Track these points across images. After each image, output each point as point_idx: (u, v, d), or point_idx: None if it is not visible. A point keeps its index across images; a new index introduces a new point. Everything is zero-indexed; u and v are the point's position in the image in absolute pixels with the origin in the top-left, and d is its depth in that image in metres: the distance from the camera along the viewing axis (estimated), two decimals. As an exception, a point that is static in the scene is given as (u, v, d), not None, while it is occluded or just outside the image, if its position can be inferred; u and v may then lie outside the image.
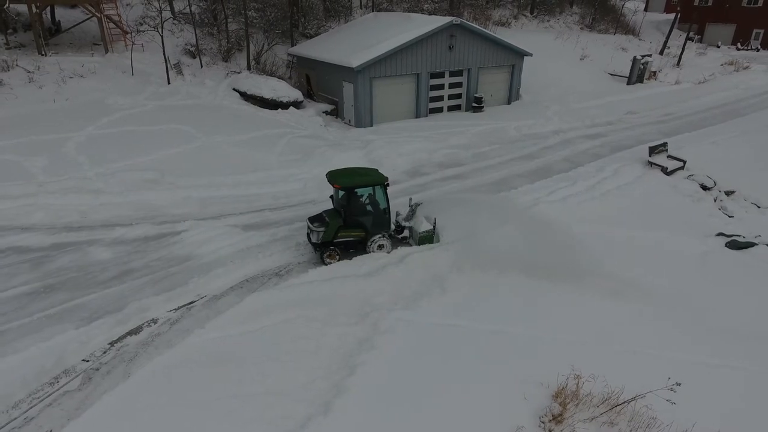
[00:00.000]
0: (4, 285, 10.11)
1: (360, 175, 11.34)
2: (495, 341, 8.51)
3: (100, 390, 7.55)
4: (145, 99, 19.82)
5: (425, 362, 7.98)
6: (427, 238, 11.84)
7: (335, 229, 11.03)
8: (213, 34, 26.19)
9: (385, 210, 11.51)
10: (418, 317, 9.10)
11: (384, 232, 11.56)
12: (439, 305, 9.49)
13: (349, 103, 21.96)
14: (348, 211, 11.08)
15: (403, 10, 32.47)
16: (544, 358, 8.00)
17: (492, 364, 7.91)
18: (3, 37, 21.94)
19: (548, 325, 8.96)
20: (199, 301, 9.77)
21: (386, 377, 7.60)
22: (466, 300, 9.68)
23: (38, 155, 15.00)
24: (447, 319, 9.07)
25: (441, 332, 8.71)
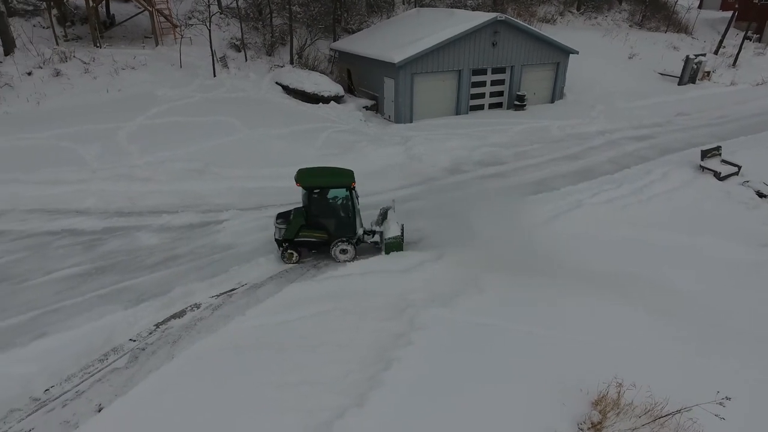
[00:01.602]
0: (60, 265, 10.67)
1: (325, 176, 10.86)
2: (532, 343, 8.37)
3: (145, 369, 7.86)
4: (192, 91, 20.40)
5: (461, 360, 7.93)
6: (395, 245, 11.14)
7: (297, 228, 10.79)
8: (258, 29, 26.67)
9: (349, 214, 10.97)
10: (455, 315, 9.04)
11: (348, 236, 11.03)
12: (476, 304, 9.40)
13: (390, 98, 21.97)
14: (309, 212, 10.83)
15: (446, 5, 32.17)
16: (583, 363, 7.81)
17: (528, 366, 7.78)
18: (62, 30, 22.99)
19: (588, 329, 8.74)
20: (239, 289, 10.02)
21: (421, 373, 7.59)
22: (503, 300, 9.56)
23: (92, 143, 15.69)
24: (483, 318, 8.98)
25: (477, 331, 8.63)
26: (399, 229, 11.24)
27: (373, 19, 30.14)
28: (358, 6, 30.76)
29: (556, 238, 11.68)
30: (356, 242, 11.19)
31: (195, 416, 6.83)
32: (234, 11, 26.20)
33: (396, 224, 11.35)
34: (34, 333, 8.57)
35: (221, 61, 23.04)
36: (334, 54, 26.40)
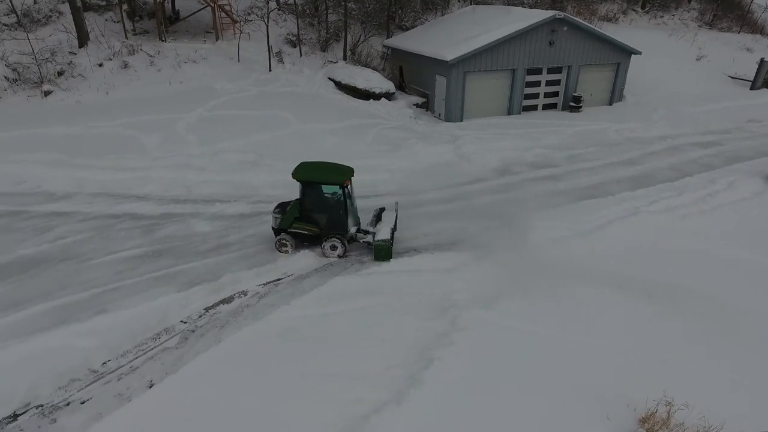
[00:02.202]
0: (120, 246, 11.28)
1: (321, 172, 10.81)
2: (577, 351, 8.11)
3: (194, 350, 8.18)
4: (249, 85, 21.01)
5: (502, 364, 7.79)
6: (383, 249, 10.77)
7: (291, 219, 10.90)
8: (313, 25, 27.12)
9: (340, 212, 10.86)
10: (498, 318, 8.89)
11: (339, 233, 10.95)
12: (520, 308, 9.20)
13: (441, 96, 21.80)
14: (302, 206, 10.90)
15: (503, 3, 31.54)
16: (630, 377, 7.51)
17: (572, 377, 7.55)
18: (131, 24, 24.23)
19: (637, 342, 8.38)
20: (285, 279, 10.25)
21: (462, 374, 7.52)
22: (549, 306, 9.30)
23: (154, 132, 16.48)
24: (527, 323, 8.78)
25: (520, 336, 8.45)
26: (389, 233, 10.84)
27: (428, 17, 29.98)
28: (413, 3, 30.66)
29: (608, 246, 11.25)
30: (348, 240, 11.13)
31: (237, 400, 7.05)
32: (291, 7, 26.75)
33: (388, 228, 10.98)
34: (94, 309, 9.10)
35: (277, 56, 23.59)
36: (387, 51, 26.46)
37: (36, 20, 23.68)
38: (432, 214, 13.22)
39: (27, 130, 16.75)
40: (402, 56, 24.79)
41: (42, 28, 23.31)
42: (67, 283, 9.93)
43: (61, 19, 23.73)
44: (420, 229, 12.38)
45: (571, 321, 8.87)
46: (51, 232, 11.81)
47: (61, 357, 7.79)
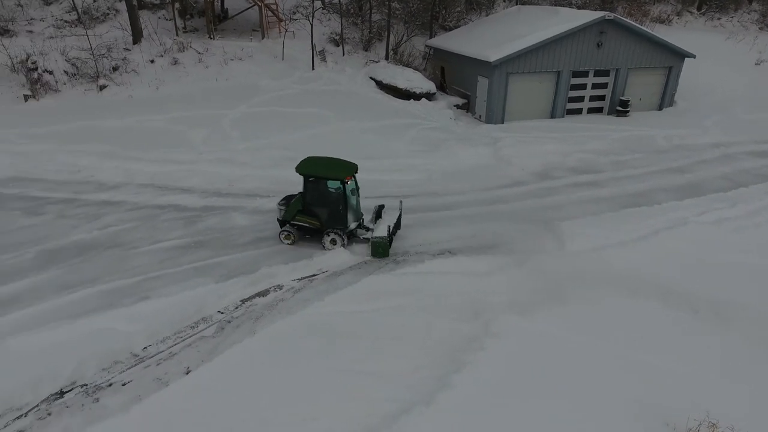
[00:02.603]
0: (164, 236, 11.72)
1: (323, 167, 10.95)
2: (614, 364, 7.85)
3: (229, 341, 8.40)
4: (292, 83, 21.41)
5: (535, 372, 7.63)
6: (380, 245, 10.84)
7: (294, 211, 11.18)
8: (357, 24, 27.32)
9: (340, 207, 10.91)
10: (532, 325, 8.72)
11: (339, 228, 11.05)
12: (557, 317, 8.99)
13: (482, 98, 21.54)
14: (304, 199, 11.11)
15: (550, 3, 30.87)
16: (671, 394, 7.21)
17: (607, 389, 7.32)
18: (182, 22, 25.10)
19: (681, 357, 8.03)
20: (320, 275, 10.38)
21: (492, 380, 7.42)
22: (588, 316, 9.04)
23: (200, 127, 17.04)
24: (563, 331, 8.57)
25: (556, 345, 8.25)
26: (386, 230, 10.86)
27: (472, 17, 29.68)
28: (457, 3, 30.42)
29: (652, 256, 10.84)
30: (348, 236, 11.23)
31: (269, 390, 7.20)
32: (336, 6, 27.04)
33: (387, 225, 11.04)
34: (138, 296, 9.50)
35: (320, 54, 23.91)
36: (429, 51, 26.36)
37: (95, 17, 24.88)
38: (469, 216, 13.09)
39: (83, 122, 17.65)
40: (444, 56, 24.64)
41: (100, 25, 24.47)
42: (114, 269, 10.39)
43: (117, 17, 24.84)
44: (456, 231, 12.28)
45: (609, 332, 8.60)
46: (101, 219, 12.38)
47: (106, 339, 8.17)
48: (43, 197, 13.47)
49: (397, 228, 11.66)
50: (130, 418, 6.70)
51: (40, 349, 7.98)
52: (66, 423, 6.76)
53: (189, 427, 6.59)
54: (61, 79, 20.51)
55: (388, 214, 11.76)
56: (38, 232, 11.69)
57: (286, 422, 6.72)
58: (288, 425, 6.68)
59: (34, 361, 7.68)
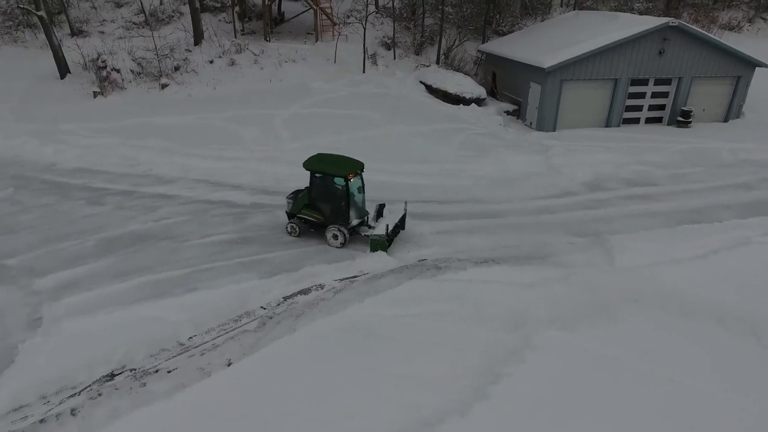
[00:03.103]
0: (214, 231, 12.14)
1: (328, 163, 11.30)
2: (663, 389, 7.45)
3: (270, 336, 8.59)
4: (342, 85, 21.71)
5: (577, 391, 7.36)
6: (378, 243, 10.99)
7: (301, 205, 11.68)
8: (409, 28, 27.40)
9: (342, 203, 11.20)
10: (576, 341, 8.40)
11: (341, 223, 11.31)
12: (603, 334, 8.62)
13: (533, 104, 21.09)
14: (310, 194, 11.50)
15: (610, 8, 29.86)
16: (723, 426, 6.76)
17: (654, 416, 6.94)
18: (240, 25, 25.98)
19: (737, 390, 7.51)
20: (361, 277, 10.44)
21: (531, 395, 7.21)
22: (636, 336, 8.62)
23: (252, 126, 17.57)
24: (610, 351, 8.20)
25: (601, 364, 7.92)
26: (385, 228, 11.05)
27: (527, 22, 29.14)
28: (512, 8, 29.95)
29: (711, 276, 10.22)
30: (350, 232, 11.48)
31: (306, 386, 7.29)
32: (389, 11, 27.22)
33: (390, 223, 11.26)
34: (187, 287, 9.89)
35: (371, 58, 24.13)
36: (481, 56, 26.08)
37: (160, 19, 26.18)
38: (515, 225, 12.83)
39: (145, 118, 18.60)
40: (496, 62, 24.31)
41: (165, 26, 25.73)
42: (166, 260, 10.86)
43: (181, 19, 26.04)
44: (501, 239, 12.07)
45: (659, 354, 8.17)
46: (156, 212, 12.98)
47: (155, 327, 8.54)
48: (104, 188, 14.28)
49: (400, 228, 11.96)
50: (173, 404, 6.97)
51: (95, 332, 8.46)
52: (115, 404, 7.11)
53: (228, 418, 6.77)
54: (127, 77, 21.69)
55: (392, 213, 11.94)
56: (99, 222, 12.39)
57: (322, 419, 6.79)
58: (324, 422, 6.75)
59: (89, 343, 8.14)
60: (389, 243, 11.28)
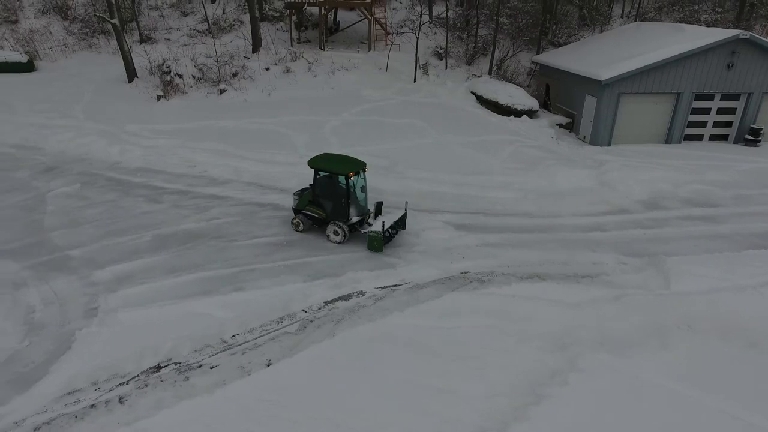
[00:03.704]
0: (261, 232, 12.46)
1: (331, 162, 11.85)
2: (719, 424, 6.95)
3: (310, 339, 8.69)
4: (393, 94, 21.86)
5: (623, 420, 6.99)
6: (375, 240, 11.48)
7: (305, 202, 12.27)
8: (462, 38, 27.28)
9: (342, 201, 11.66)
10: (625, 366, 8.01)
11: (341, 221, 11.74)
12: (655, 361, 8.17)
13: (588, 118, 20.44)
14: (313, 191, 12.12)
15: (674, 20, 28.60)
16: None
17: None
18: (297, 33, 26.71)
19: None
20: (402, 286, 10.40)
21: (573, 420, 6.92)
22: (692, 365, 8.12)
23: (303, 132, 17.96)
24: (662, 379, 7.77)
25: (651, 392, 7.51)
26: (380, 225, 11.42)
27: (584, 33, 28.38)
28: (569, 19, 29.27)
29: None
30: (350, 228, 11.91)
31: (343, 392, 7.32)
32: (442, 21, 27.22)
33: (380, 222, 11.63)
34: (233, 285, 10.18)
35: (423, 67, 24.17)
36: (535, 67, 25.59)
37: (222, 28, 27.34)
38: (563, 241, 12.44)
39: (203, 121, 19.40)
40: (550, 73, 23.77)
41: (226, 34, 26.83)
42: (215, 258, 11.23)
43: (241, 28, 27.08)
44: (548, 255, 11.72)
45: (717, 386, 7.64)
46: (209, 212, 13.47)
47: (201, 323, 8.83)
48: (162, 187, 14.96)
49: (399, 227, 12.26)
50: (213, 400, 7.16)
51: (146, 324, 8.84)
52: (160, 395, 7.39)
53: (265, 418, 6.88)
54: (188, 82, 22.73)
55: (393, 213, 12.22)
56: (156, 219, 12.98)
57: (357, 426, 6.78)
58: (359, 429, 6.73)
59: (140, 334, 8.51)
60: (386, 240, 11.70)
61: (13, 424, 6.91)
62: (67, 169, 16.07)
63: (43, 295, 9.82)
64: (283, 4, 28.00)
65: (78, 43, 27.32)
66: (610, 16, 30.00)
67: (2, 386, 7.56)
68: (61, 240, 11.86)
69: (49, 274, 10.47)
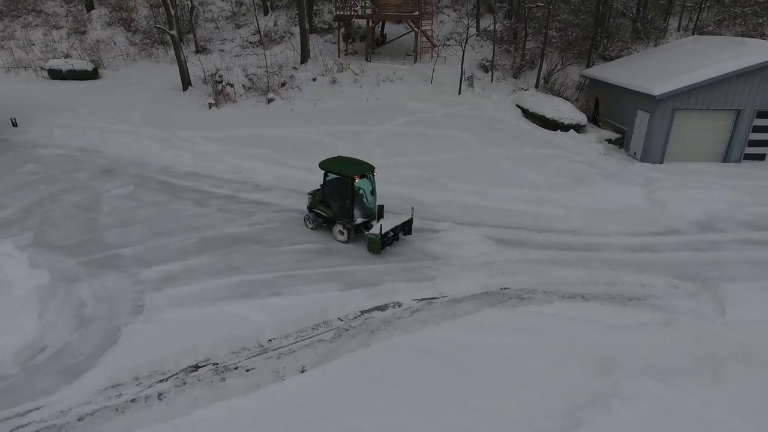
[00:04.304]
0: (301, 239, 12.64)
1: (339, 164, 12.39)
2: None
3: (344, 348, 8.68)
4: (437, 105, 21.82)
5: (671, 452, 6.59)
6: (373, 242, 11.78)
7: (316, 202, 12.93)
8: (509, 51, 27.00)
9: (346, 202, 12.13)
10: (673, 396, 7.55)
11: (345, 221, 12.24)
12: (706, 392, 7.67)
13: (640, 133, 19.71)
14: (322, 191, 12.70)
15: (736, 34, 27.28)
16: None
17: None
18: (344, 45, 27.18)
19: None
20: (440, 299, 10.26)
21: (616, 449, 6.58)
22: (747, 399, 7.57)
23: (347, 141, 18.17)
24: (714, 412, 7.28)
25: (701, 426, 7.04)
26: (379, 228, 11.66)
27: (637, 47, 27.50)
28: (622, 32, 28.46)
29: None
30: (354, 229, 12.40)
31: (377, 404, 7.25)
32: (490, 34, 27.05)
33: (389, 224, 12.05)
34: (272, 290, 10.34)
35: (468, 80, 24.05)
36: (584, 81, 24.97)
37: (273, 39, 28.18)
38: (610, 260, 11.97)
39: (251, 129, 19.98)
40: (600, 87, 23.13)
41: (276, 46, 27.64)
42: (256, 263, 11.46)
43: (291, 39, 27.83)
44: (593, 275, 11.29)
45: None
46: (252, 217, 13.79)
47: (240, 326, 9.00)
48: (210, 192, 15.46)
49: (402, 231, 12.56)
50: (247, 402, 7.25)
51: (187, 324, 9.10)
52: (197, 394, 7.55)
53: (298, 424, 6.90)
54: (239, 91, 23.52)
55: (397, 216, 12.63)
56: (201, 222, 13.41)
57: (387, 440, 6.70)
58: (388, 444, 6.65)
59: (181, 333, 8.76)
60: (386, 243, 12.00)
61: (60, 413, 7.22)
62: (122, 172, 16.88)
63: (94, 290, 10.29)
64: (332, 16, 28.62)
65: (139, 53, 28.83)
66: (666, 29, 28.96)
67: (53, 375, 7.94)
68: (114, 239, 12.42)
69: (100, 271, 10.98)
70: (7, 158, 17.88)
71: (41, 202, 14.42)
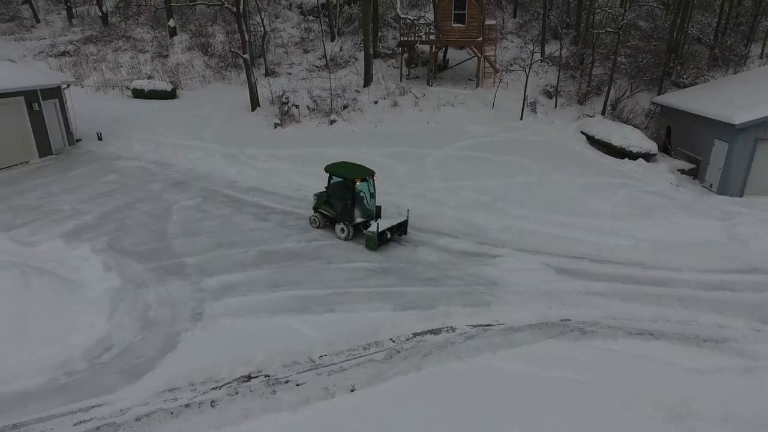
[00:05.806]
0: (357, 257, 12.67)
1: (342, 168, 13.46)
2: None
3: (396, 369, 8.51)
4: (498, 130, 21.57)
5: None
6: (370, 239, 12.83)
7: (321, 202, 13.91)
8: (575, 77, 26.39)
9: (348, 203, 13.12)
10: (758, 452, 6.82)
11: (346, 221, 13.26)
12: (797, 451, 6.87)
13: (717, 164, 18.49)
14: (327, 192, 13.74)
15: (830, 62, 25.30)
16: None
17: None
18: (407, 70, 27.61)
19: None
20: (495, 327, 9.90)
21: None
22: None
23: (405, 163, 18.25)
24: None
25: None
26: (376, 227, 12.67)
27: (714, 74, 26.08)
28: (698, 59, 27.13)
29: None
30: (354, 228, 13.41)
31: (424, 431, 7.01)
32: (555, 59, 26.60)
33: (386, 223, 13.06)
34: (326, 306, 10.37)
35: (531, 106, 23.66)
36: (655, 108, 23.89)
37: (338, 63, 29.11)
38: (683, 298, 11.13)
39: (313, 148, 20.55)
40: (672, 115, 22.02)
41: (341, 70, 28.51)
42: (312, 278, 11.58)
43: (355, 64, 28.63)
44: (663, 312, 10.52)
45: None
46: (309, 233, 14.02)
47: (293, 339, 9.06)
48: (271, 207, 15.92)
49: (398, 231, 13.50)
50: (296, 417, 7.22)
51: (243, 334, 9.27)
52: (248, 405, 7.61)
53: (344, 443, 6.78)
54: (303, 112, 24.35)
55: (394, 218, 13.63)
56: (262, 235, 13.78)
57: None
58: (437, 474, 6.38)
59: (237, 343, 8.93)
60: (382, 241, 13.00)
61: (119, 411, 7.49)
62: (192, 185, 17.76)
63: (159, 295, 10.75)
64: (396, 42, 29.22)
65: (213, 75, 30.62)
66: (748, 56, 27.33)
67: (116, 374, 8.29)
68: (180, 247, 13.00)
69: (166, 277, 11.47)
70: (90, 168, 19.31)
71: (117, 210, 15.39)
